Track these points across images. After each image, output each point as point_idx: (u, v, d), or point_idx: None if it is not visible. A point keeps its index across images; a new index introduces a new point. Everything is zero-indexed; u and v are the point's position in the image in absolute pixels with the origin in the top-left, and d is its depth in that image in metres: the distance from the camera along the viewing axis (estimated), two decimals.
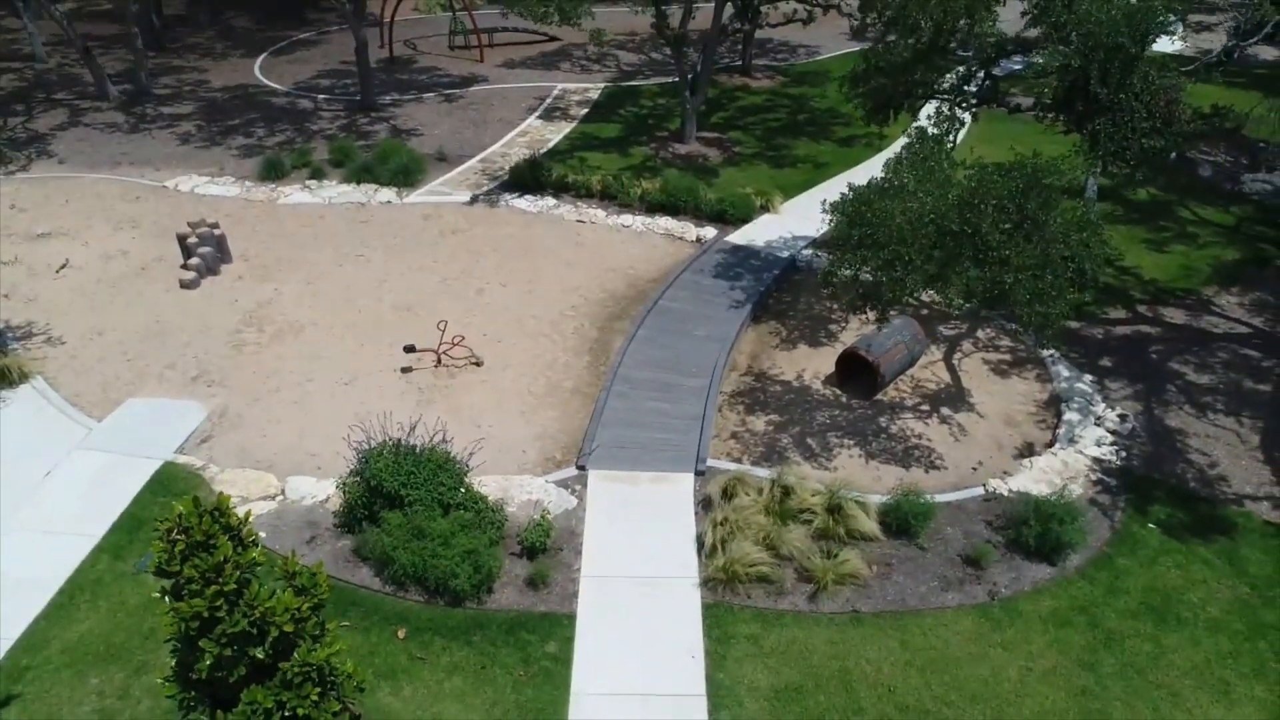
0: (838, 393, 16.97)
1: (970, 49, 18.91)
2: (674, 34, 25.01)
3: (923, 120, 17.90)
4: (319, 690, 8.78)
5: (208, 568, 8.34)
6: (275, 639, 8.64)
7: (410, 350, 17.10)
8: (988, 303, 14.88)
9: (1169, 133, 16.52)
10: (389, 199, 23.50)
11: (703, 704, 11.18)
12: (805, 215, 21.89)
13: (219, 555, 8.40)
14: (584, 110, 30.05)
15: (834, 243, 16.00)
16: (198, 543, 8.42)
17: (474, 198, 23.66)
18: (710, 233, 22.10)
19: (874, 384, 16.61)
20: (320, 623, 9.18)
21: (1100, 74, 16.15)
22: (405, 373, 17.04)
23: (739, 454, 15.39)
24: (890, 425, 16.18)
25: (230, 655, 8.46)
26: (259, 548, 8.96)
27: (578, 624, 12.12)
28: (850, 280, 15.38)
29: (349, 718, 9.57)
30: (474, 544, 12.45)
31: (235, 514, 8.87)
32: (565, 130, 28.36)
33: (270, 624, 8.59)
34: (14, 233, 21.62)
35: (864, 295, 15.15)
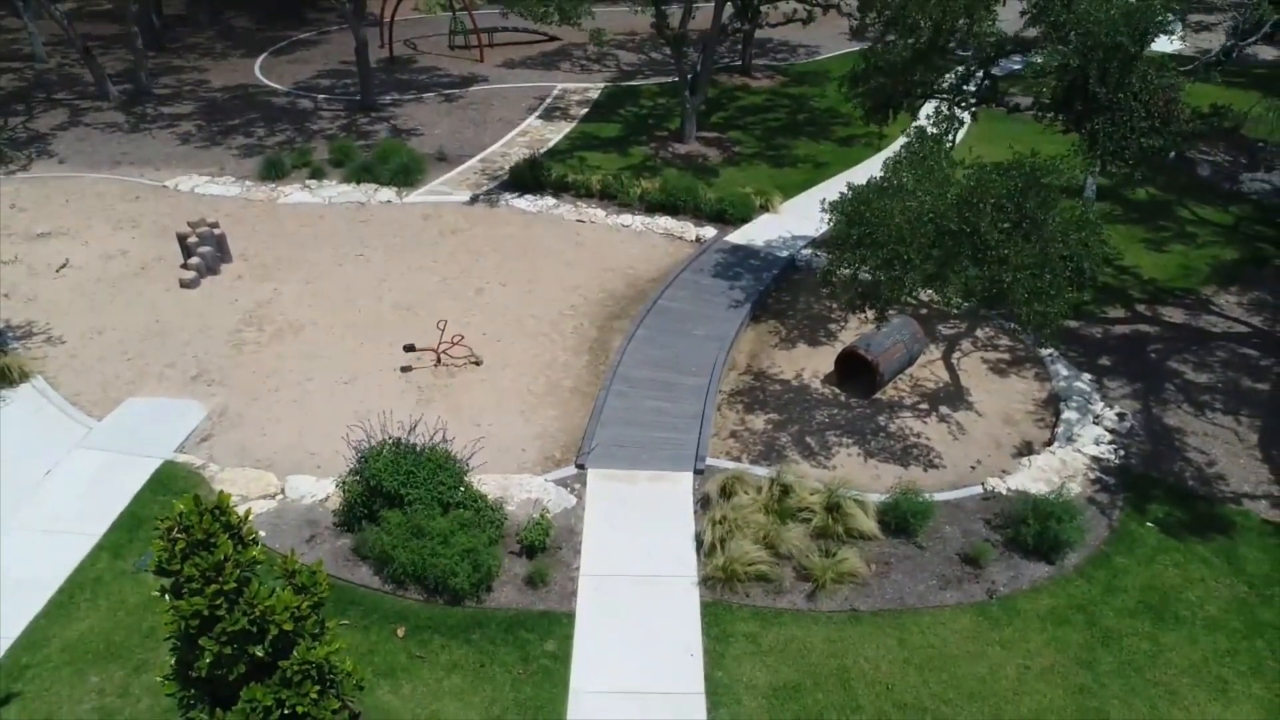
0: (836, 392, 17.00)
1: (969, 48, 18.91)
2: (674, 34, 25.03)
3: (922, 120, 17.92)
4: (318, 688, 8.82)
5: (208, 566, 8.36)
6: (275, 637, 8.67)
7: (410, 349, 17.12)
8: (986, 302, 14.90)
9: (1168, 132, 16.52)
10: (389, 199, 23.52)
11: (701, 702, 11.21)
12: (804, 215, 21.92)
13: (219, 554, 8.42)
14: (584, 110, 30.06)
15: (833, 242, 16.01)
16: (198, 541, 8.45)
17: (474, 197, 23.68)
18: (710, 232, 22.12)
19: (873, 383, 16.64)
20: (320, 621, 9.21)
21: (1099, 73, 16.16)
22: (405, 372, 17.07)
23: (738, 453, 15.41)
24: (889, 424, 16.20)
25: (230, 653, 8.49)
26: (259, 546, 9.00)
27: (577, 622, 12.14)
28: (849, 279, 15.41)
29: (348, 716, 9.60)
30: (473, 543, 12.48)
31: (235, 512, 8.90)
32: (565, 130, 28.38)
33: (270, 622, 8.62)
34: (14, 232, 21.65)
35: (863, 294, 15.19)
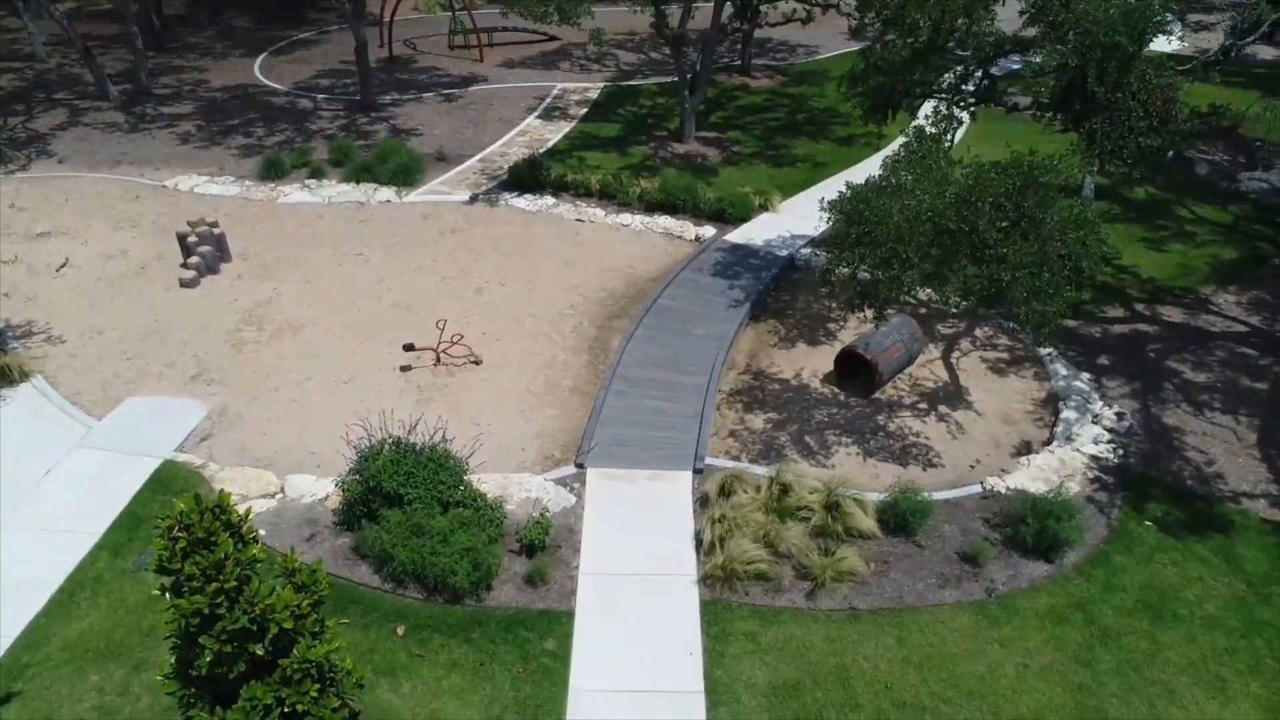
0: (836, 391, 17.01)
1: (968, 48, 18.93)
2: (673, 33, 25.04)
3: (921, 119, 17.95)
4: (318, 687, 8.83)
5: (208, 565, 8.37)
6: (275, 636, 8.68)
7: (409, 349, 17.13)
8: (985, 301, 14.92)
9: (1166, 131, 16.55)
10: (388, 198, 23.53)
11: (701, 700, 11.22)
12: (804, 214, 21.94)
13: (220, 552, 8.43)
14: (583, 110, 30.07)
15: (832, 241, 16.04)
16: (198, 540, 8.46)
17: (473, 197, 23.69)
18: (709, 232, 22.14)
19: (872, 382, 16.65)
20: (320, 620, 9.22)
21: (1098, 73, 16.19)
22: (404, 371, 17.08)
23: (737, 452, 15.43)
24: (888, 423, 16.22)
25: (230, 652, 8.50)
26: (259, 545, 9.00)
27: (576, 621, 12.15)
28: (848, 278, 15.43)
29: (348, 714, 9.61)
30: (473, 541, 12.50)
31: (236, 511, 8.91)
32: (564, 130, 28.39)
33: (270, 621, 8.63)
34: (14, 232, 21.66)
35: (862, 293, 15.22)
